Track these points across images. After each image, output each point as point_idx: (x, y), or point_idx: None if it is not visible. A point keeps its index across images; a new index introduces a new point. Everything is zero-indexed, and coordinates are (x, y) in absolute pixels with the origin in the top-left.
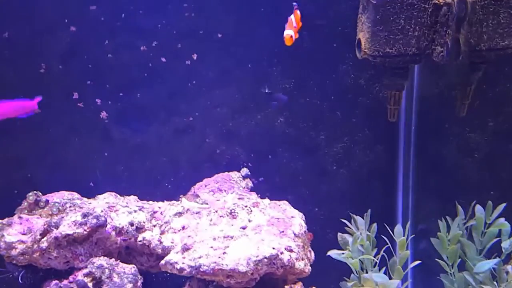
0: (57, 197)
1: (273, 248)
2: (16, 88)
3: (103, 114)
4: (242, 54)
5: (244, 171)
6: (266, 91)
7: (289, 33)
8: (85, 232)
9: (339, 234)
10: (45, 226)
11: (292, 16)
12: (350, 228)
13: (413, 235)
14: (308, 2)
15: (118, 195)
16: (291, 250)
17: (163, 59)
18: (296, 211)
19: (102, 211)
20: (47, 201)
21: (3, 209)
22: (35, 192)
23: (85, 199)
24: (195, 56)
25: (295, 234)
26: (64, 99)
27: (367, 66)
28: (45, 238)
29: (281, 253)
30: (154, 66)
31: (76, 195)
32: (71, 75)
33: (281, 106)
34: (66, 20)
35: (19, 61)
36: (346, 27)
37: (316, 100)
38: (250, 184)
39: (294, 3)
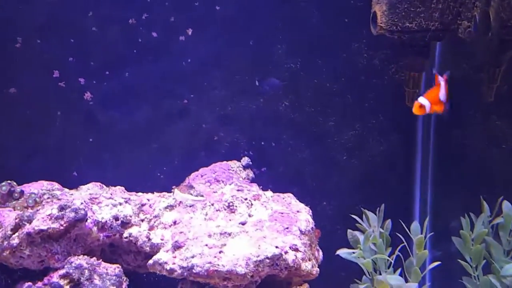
0: (35, 187)
1: (276, 247)
2: None
3: (87, 95)
4: (243, 30)
5: (245, 160)
6: (257, 83)
7: (421, 102)
8: (62, 228)
9: (349, 231)
10: (16, 221)
11: (442, 84)
12: (361, 224)
13: (432, 233)
14: None
15: (104, 186)
16: (296, 249)
17: (154, 34)
18: (302, 205)
19: (82, 203)
20: (22, 192)
21: None
22: (8, 181)
23: (66, 190)
24: (190, 31)
25: (301, 231)
26: (43, 77)
27: (382, 44)
28: (16, 234)
29: (286, 252)
30: (144, 42)
31: (56, 185)
32: (50, 51)
33: (275, 92)
34: None
35: None
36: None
37: (324, 82)
38: (251, 174)
39: (435, 71)
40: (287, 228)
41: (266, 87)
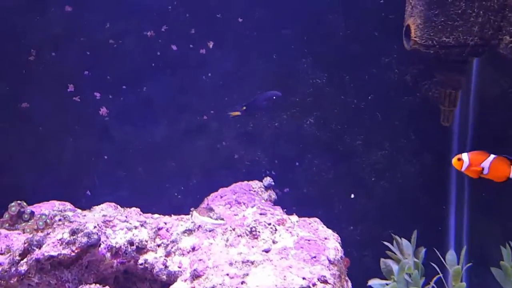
0: (46, 207)
1: (304, 279)
2: (1, 77)
3: (103, 110)
4: (266, 43)
5: (267, 180)
6: (243, 108)
7: (462, 158)
8: (73, 254)
9: (382, 260)
10: (25, 245)
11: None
12: (393, 252)
13: (470, 263)
14: None
15: (119, 206)
16: (325, 281)
17: (174, 47)
18: (330, 231)
19: (95, 227)
20: (32, 213)
21: None
22: (18, 202)
23: (78, 210)
24: (211, 44)
25: (330, 261)
26: (57, 92)
27: (415, 59)
28: (24, 260)
29: (314, 285)
30: (163, 55)
31: (68, 205)
32: (65, 64)
33: (276, 105)
34: None
35: (4, 46)
36: (390, 12)
37: (352, 98)
38: (274, 196)
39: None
40: (315, 257)
41: (264, 102)
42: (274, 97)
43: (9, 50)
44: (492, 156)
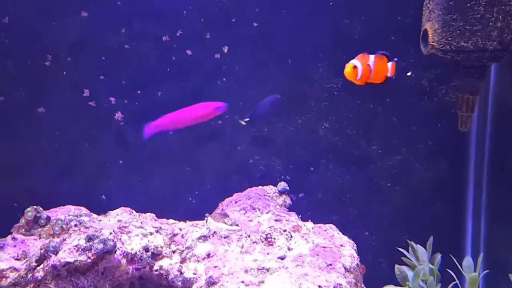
0: (62, 212)
1: (319, 287)
2: (17, 82)
3: (118, 115)
4: (281, 47)
5: (282, 185)
6: (246, 120)
7: (355, 63)
8: (89, 260)
9: (396, 266)
10: (41, 251)
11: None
12: (408, 258)
13: (487, 270)
14: None
15: (134, 211)
16: None
17: (189, 52)
18: (346, 238)
19: (110, 233)
20: (48, 218)
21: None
22: (34, 207)
23: (94, 215)
24: (226, 49)
25: (345, 269)
26: (73, 97)
27: (431, 63)
28: (41, 266)
29: None
30: (178, 60)
31: (84, 210)
32: (81, 69)
33: (284, 109)
34: (76, 4)
35: (20, 51)
36: (407, 16)
37: (368, 103)
38: (288, 201)
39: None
40: (331, 264)
41: (266, 111)
42: (276, 100)
43: (25, 56)
44: (372, 56)
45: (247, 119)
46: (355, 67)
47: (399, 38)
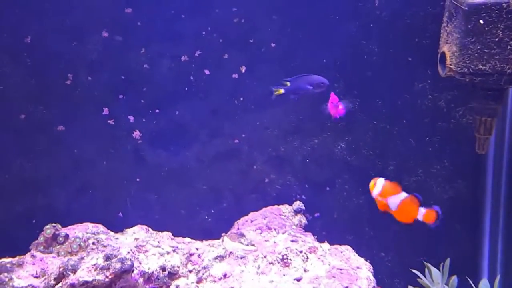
0: (80, 230)
1: None
2: (38, 100)
3: (136, 134)
4: (298, 67)
5: (297, 204)
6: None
7: (377, 182)
8: (107, 279)
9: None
10: (60, 269)
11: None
12: (423, 280)
13: None
14: (379, 7)
15: (150, 229)
16: None
17: (207, 72)
18: (362, 259)
19: (128, 252)
20: (66, 236)
21: (18, 242)
22: (53, 224)
23: (111, 233)
24: (243, 69)
25: None
26: (93, 115)
27: (449, 84)
28: (59, 284)
29: None
30: (196, 79)
31: (101, 228)
32: (101, 88)
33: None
34: (97, 24)
35: (42, 70)
36: (424, 37)
37: (384, 123)
38: (304, 220)
39: None
40: (347, 287)
41: (308, 87)
42: (322, 84)
43: (46, 75)
44: (404, 194)
45: (282, 91)
46: (375, 183)
47: (416, 59)
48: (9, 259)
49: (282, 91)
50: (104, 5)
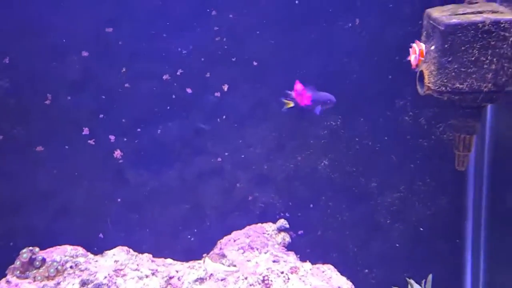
0: (58, 253)
1: None
2: (16, 121)
3: (117, 153)
4: (281, 85)
5: (281, 222)
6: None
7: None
8: None
9: None
10: None
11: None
12: None
13: None
14: (360, 26)
15: (131, 250)
16: None
17: (189, 90)
18: (344, 279)
19: (105, 277)
20: (43, 260)
21: None
22: (30, 248)
23: (90, 255)
24: (225, 87)
25: None
26: (72, 135)
27: (429, 101)
28: None
29: None
30: (178, 98)
31: (80, 250)
32: (81, 108)
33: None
34: (77, 44)
35: (21, 90)
36: (404, 56)
37: (367, 140)
38: (287, 239)
39: None
40: None
41: (318, 106)
42: (328, 101)
43: (25, 95)
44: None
45: (292, 104)
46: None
47: (396, 77)
48: None
49: (292, 104)
50: (84, 24)
